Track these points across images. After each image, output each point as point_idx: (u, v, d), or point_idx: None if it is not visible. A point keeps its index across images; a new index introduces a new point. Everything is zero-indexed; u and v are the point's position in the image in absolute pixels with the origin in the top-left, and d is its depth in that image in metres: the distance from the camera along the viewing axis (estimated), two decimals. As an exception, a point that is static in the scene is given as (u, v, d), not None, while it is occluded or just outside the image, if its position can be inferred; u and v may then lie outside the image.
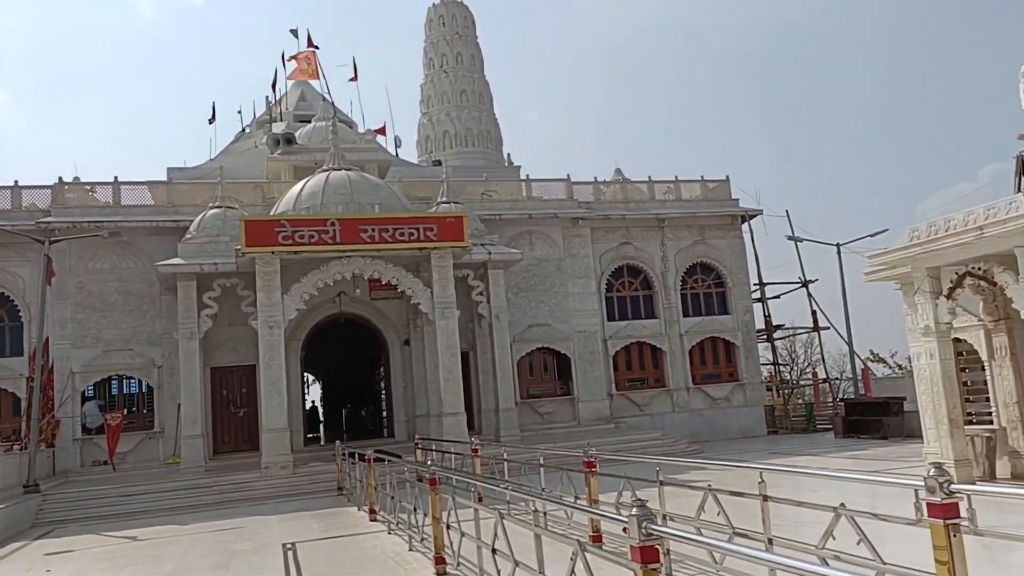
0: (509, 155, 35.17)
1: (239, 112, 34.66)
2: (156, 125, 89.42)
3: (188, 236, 20.15)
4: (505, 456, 12.25)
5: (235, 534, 12.23)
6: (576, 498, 9.13)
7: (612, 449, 18.12)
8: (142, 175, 22.58)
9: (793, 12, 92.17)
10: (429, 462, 10.02)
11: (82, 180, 22.03)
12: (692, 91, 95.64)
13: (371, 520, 12.06)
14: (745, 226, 26.33)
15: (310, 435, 27.04)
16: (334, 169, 20.62)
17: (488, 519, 7.00)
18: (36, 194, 21.38)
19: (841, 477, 6.45)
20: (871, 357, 39.01)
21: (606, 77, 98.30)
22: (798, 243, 26.14)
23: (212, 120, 33.23)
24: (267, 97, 32.14)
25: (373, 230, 18.44)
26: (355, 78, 33.41)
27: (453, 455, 14.74)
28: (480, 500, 11.23)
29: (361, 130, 31.15)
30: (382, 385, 24.78)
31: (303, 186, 20.37)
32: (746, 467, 8.00)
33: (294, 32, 32.14)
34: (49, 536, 13.65)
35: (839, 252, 24.84)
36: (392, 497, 10.64)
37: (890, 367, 39.90)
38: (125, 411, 20.76)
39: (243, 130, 33.24)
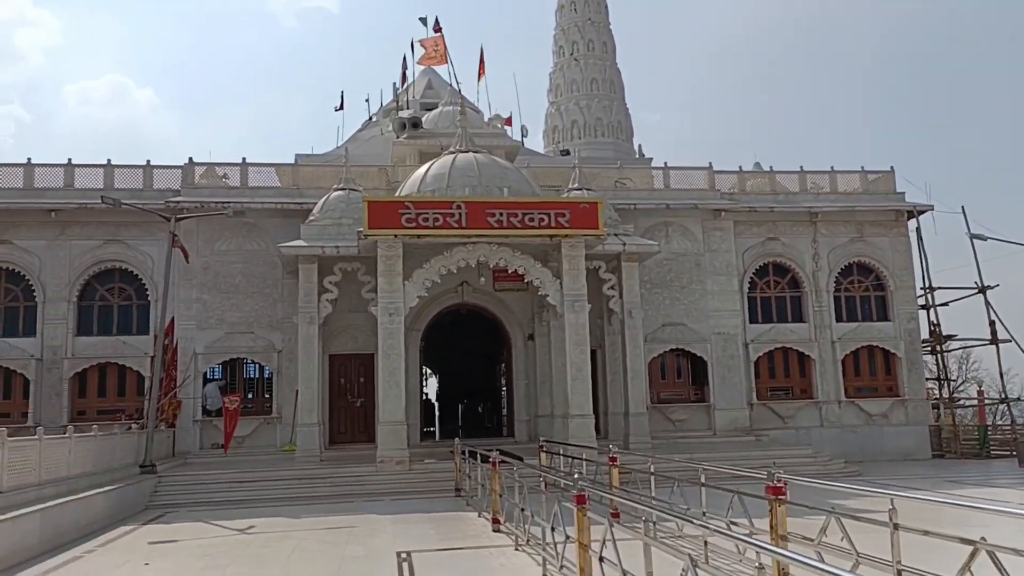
0: (640, 147, 33.31)
1: (366, 100, 34.26)
2: (288, 126, 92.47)
3: (311, 218, 19.51)
4: (651, 468, 10.57)
5: (347, 535, 11.15)
6: (751, 530, 7.41)
7: (756, 465, 16.10)
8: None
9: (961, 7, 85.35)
10: (575, 473, 8.51)
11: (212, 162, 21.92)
12: (846, 86, 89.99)
13: (494, 531, 10.69)
14: (912, 223, 23.43)
15: (425, 430, 26.18)
16: (461, 151, 19.46)
17: (655, 551, 5.42)
18: (167, 175, 21.35)
19: None
20: (1039, 377, 34.60)
21: (745, 73, 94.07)
22: (975, 242, 22.89)
23: (340, 108, 32.97)
24: (394, 84, 31.60)
25: (501, 215, 17.16)
26: (482, 72, 32.22)
27: (585, 461, 13.24)
28: (616, 517, 9.70)
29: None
30: (503, 381, 23.53)
31: (428, 168, 19.33)
32: (978, 507, 6.02)
33: (423, 20, 31.38)
34: (159, 520, 13.07)
35: (1031, 253, 21.63)
36: (522, 509, 9.18)
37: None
38: (246, 395, 20.41)
39: (370, 119, 32.87)
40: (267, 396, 20.70)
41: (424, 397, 32.79)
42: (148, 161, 21.12)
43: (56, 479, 11.83)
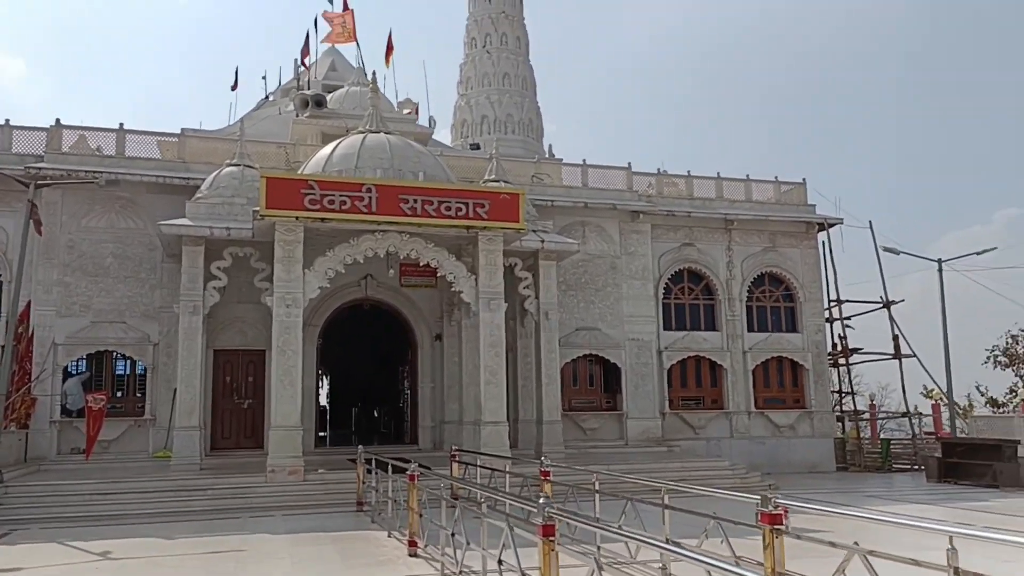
0: (551, 147, 32.50)
1: (263, 78, 31.88)
2: (176, 107, 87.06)
3: (198, 195, 17.42)
4: (596, 485, 9.41)
5: (233, 561, 9.43)
6: (737, 560, 6.33)
7: (674, 478, 15.29)
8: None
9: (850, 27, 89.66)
10: (524, 488, 7.24)
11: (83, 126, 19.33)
12: (758, 104, 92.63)
13: (411, 555, 9.25)
14: (821, 236, 23.48)
15: (317, 435, 24.24)
16: (372, 131, 17.90)
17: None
18: (29, 138, 18.64)
19: None
20: (924, 392, 35.97)
21: (652, 88, 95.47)
22: (880, 256, 23.11)
23: (235, 87, 30.51)
24: (295, 61, 29.27)
25: (415, 201, 15.70)
26: (390, 55, 30.47)
27: (508, 475, 11.98)
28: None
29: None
30: (405, 384, 21.98)
31: (335, 147, 17.63)
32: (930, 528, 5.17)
33: (328, -4, 29.48)
34: (2, 541, 10.87)
35: (940, 269, 21.91)
36: (453, 534, 7.79)
37: (944, 405, 36.85)
38: (114, 393, 18.01)
39: (267, 97, 30.56)
40: (139, 395, 18.34)
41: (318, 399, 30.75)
42: (7, 120, 18.39)
43: None
